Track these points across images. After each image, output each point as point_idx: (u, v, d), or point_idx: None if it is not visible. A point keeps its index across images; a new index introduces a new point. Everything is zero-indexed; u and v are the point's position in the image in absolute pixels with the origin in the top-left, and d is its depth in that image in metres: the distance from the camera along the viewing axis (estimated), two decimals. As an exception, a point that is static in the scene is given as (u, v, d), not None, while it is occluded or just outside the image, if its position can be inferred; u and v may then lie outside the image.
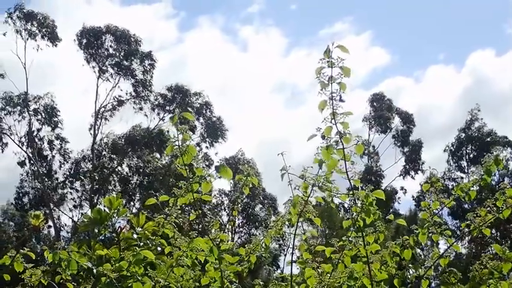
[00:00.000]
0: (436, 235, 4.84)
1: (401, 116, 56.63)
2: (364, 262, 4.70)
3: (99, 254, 5.11)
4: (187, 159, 4.43)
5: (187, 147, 4.43)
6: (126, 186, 46.94)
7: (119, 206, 5.43)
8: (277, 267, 51.57)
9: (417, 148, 55.59)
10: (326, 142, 4.23)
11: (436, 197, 4.88)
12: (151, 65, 48.64)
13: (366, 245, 4.66)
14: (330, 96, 4.09)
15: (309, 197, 4.64)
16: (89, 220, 5.50)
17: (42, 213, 6.18)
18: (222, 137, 51.14)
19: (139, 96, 48.62)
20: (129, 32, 48.22)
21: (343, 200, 4.59)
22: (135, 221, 5.33)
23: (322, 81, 4.09)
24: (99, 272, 4.69)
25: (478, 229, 4.76)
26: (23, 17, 46.27)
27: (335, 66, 4.04)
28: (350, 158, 4.27)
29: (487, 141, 51.65)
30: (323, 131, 4.17)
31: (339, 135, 4.13)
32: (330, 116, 4.12)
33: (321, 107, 4.13)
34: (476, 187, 4.90)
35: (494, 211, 4.76)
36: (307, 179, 4.55)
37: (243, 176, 4.83)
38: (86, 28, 47.85)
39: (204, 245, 4.74)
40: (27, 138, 46.50)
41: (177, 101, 49.51)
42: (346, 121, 4.13)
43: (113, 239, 5.25)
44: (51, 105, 47.15)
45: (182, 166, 4.46)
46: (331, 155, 4.26)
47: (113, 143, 48.11)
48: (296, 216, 4.79)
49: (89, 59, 47.82)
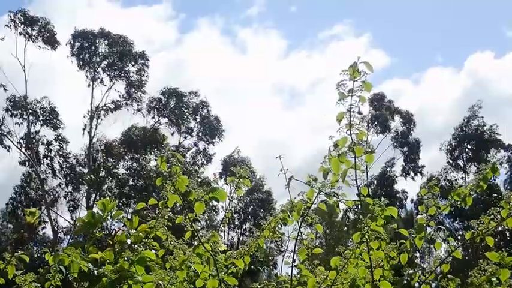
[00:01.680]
0: (439, 243, 4.78)
1: (402, 115, 56.49)
2: (366, 267, 4.64)
3: (94, 257, 5.04)
4: (181, 189, 4.40)
5: (177, 179, 4.45)
6: (122, 189, 46.87)
7: (113, 209, 5.35)
8: (275, 268, 51.53)
9: (416, 148, 55.45)
10: (336, 150, 4.27)
11: (433, 202, 4.84)
12: (143, 65, 48.63)
13: (370, 250, 4.59)
14: (348, 107, 4.17)
15: (313, 204, 4.61)
16: (83, 223, 5.42)
17: (37, 210, 6.13)
18: (219, 137, 51.08)
19: (133, 98, 48.66)
20: (122, 35, 48.30)
21: (349, 205, 4.55)
22: (128, 224, 5.26)
23: (341, 92, 4.16)
24: (100, 273, 4.63)
25: (480, 236, 4.68)
26: (24, 20, 46.28)
27: (357, 79, 4.13)
28: (360, 167, 4.29)
29: (485, 139, 51.24)
30: (336, 140, 4.25)
31: (353, 145, 4.19)
32: (346, 127, 4.21)
33: (339, 118, 4.21)
34: (473, 193, 4.84)
35: (498, 219, 4.67)
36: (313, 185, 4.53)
37: (235, 178, 4.75)
38: (78, 31, 47.92)
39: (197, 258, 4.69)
40: (26, 140, 46.46)
41: (171, 106, 49.55)
42: (363, 132, 4.24)
43: (107, 242, 5.17)
44: (51, 107, 47.19)
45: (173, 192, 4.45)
46: (340, 164, 4.27)
47: (108, 145, 48.06)
48: (297, 220, 4.75)
49: (81, 63, 47.89)
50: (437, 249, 4.84)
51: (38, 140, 47.19)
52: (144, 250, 4.59)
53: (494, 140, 51.49)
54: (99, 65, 48.06)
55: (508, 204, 4.62)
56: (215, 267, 4.65)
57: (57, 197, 47.22)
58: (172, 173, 4.46)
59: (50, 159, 47.46)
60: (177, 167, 4.48)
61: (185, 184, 4.50)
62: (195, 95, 50.94)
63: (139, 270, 4.57)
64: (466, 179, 51.29)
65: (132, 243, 4.97)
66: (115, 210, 5.29)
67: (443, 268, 4.88)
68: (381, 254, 4.65)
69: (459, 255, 4.89)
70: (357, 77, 4.11)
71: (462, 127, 52.72)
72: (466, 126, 52.53)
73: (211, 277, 4.69)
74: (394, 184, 55.03)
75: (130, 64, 48.42)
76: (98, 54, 48.01)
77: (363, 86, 4.14)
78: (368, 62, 4.08)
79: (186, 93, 50.57)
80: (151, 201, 4.83)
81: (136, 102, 49.05)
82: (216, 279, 4.65)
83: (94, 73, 47.96)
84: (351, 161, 4.25)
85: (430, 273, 4.85)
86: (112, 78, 48.29)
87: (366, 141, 4.22)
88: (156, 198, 4.94)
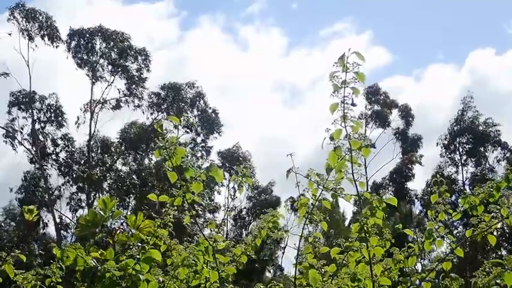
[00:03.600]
0: (440, 240, 4.75)
1: (399, 109, 55.45)
2: (366, 263, 4.62)
3: (94, 255, 5.03)
4: (176, 162, 4.32)
5: (174, 149, 4.32)
6: (121, 185, 46.77)
7: (113, 207, 5.34)
8: (280, 269, 51.23)
9: (416, 142, 54.55)
10: (334, 144, 4.22)
11: (443, 207, 4.80)
12: (144, 61, 48.39)
13: (369, 247, 4.57)
14: (342, 99, 4.10)
15: (317, 201, 4.58)
16: (85, 222, 5.40)
17: (35, 207, 6.12)
18: (218, 131, 50.48)
19: (133, 94, 48.46)
20: (120, 32, 48.06)
21: (348, 200, 4.50)
22: (131, 221, 5.23)
23: (335, 84, 4.09)
24: (105, 269, 4.61)
25: (482, 234, 4.65)
26: (25, 16, 46.08)
27: (349, 71, 4.05)
28: (357, 160, 4.23)
29: (481, 132, 50.42)
30: (332, 132, 4.19)
31: (348, 138, 4.12)
32: (340, 119, 4.13)
33: (332, 109, 4.15)
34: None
35: (499, 217, 4.64)
36: (315, 181, 4.52)
37: (238, 177, 4.71)
38: (74, 30, 47.67)
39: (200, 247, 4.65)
40: (31, 137, 46.32)
41: (169, 100, 49.19)
42: (358, 124, 4.15)
43: (108, 241, 5.16)
44: (56, 104, 47.02)
45: (171, 169, 4.37)
46: (338, 158, 4.22)
47: (108, 142, 47.98)
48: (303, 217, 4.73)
49: (79, 61, 47.67)
50: (438, 246, 4.80)
51: (45, 137, 46.98)
52: (150, 249, 4.55)
53: (489, 134, 50.71)
54: (97, 62, 47.84)
55: (507, 203, 4.59)
56: (213, 258, 4.60)
57: (60, 196, 47.21)
58: (169, 145, 4.37)
59: (55, 156, 47.34)
60: (173, 137, 4.41)
61: (182, 155, 4.40)
62: (193, 87, 50.28)
63: (144, 269, 4.56)
64: (462, 174, 50.82)
65: (135, 242, 4.95)
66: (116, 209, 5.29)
67: (444, 266, 4.86)
68: (381, 251, 4.63)
69: (461, 253, 4.86)
70: (347, 68, 4.05)
71: (457, 120, 51.82)
72: (460, 119, 51.62)
73: (210, 269, 4.67)
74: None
75: (129, 61, 48.16)
76: (95, 51, 47.71)
77: (356, 77, 4.07)
78: (359, 53, 4.02)
79: (183, 85, 49.91)
80: (151, 196, 4.77)
81: (136, 98, 48.80)
82: (215, 272, 4.63)
83: (93, 70, 47.75)
84: (349, 155, 4.20)
85: (431, 271, 4.82)
86: (112, 74, 48.09)
87: (365, 135, 4.18)
88: (155, 194, 4.90)
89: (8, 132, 45.97)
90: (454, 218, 4.85)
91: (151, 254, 4.50)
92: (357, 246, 4.65)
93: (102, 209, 5.36)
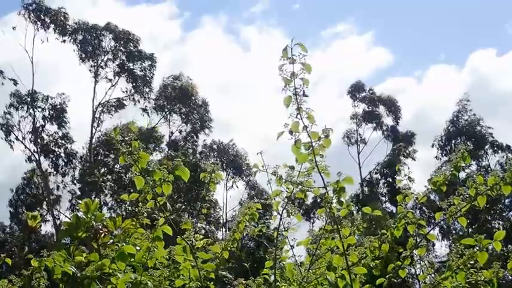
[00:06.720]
0: (412, 225, 4.82)
1: (384, 103, 54.02)
2: (341, 254, 4.68)
3: (79, 259, 5.09)
4: (141, 165, 4.37)
5: (138, 155, 4.38)
6: (118, 184, 46.76)
7: (96, 210, 5.38)
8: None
9: (410, 139, 53.41)
10: (294, 138, 4.26)
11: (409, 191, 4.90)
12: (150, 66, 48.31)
13: (342, 238, 4.64)
14: (293, 92, 4.16)
15: (292, 194, 4.64)
16: (68, 226, 5.46)
17: (39, 213, 6.16)
18: (208, 127, 50.03)
19: (135, 95, 48.34)
20: (127, 31, 47.82)
21: (316, 194, 4.56)
22: (111, 225, 5.29)
23: (285, 77, 4.17)
24: (84, 276, 4.67)
25: (452, 218, 4.74)
26: (33, 10, 45.79)
27: (296, 62, 4.13)
28: (319, 152, 4.28)
29: (477, 133, 50.13)
30: (290, 126, 4.21)
31: (305, 130, 4.17)
32: (296, 111, 4.18)
33: (286, 102, 4.20)
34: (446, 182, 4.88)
35: (469, 200, 4.72)
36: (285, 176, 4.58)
37: (207, 174, 4.77)
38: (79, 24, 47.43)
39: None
40: (32, 136, 46.15)
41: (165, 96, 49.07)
42: (311, 115, 4.18)
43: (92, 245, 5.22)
44: (59, 103, 46.77)
45: (138, 173, 4.41)
46: (300, 150, 4.27)
47: (108, 141, 47.94)
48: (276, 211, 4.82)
49: (84, 57, 47.45)
50: (410, 231, 4.88)
51: (48, 135, 46.84)
52: (124, 246, 4.60)
53: (486, 136, 50.49)
54: (103, 61, 47.71)
55: (474, 184, 4.68)
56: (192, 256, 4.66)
57: (60, 196, 47.23)
58: (133, 150, 4.41)
59: (56, 156, 47.25)
60: (135, 142, 4.45)
61: (146, 160, 4.44)
62: (178, 79, 50.11)
63: (120, 267, 4.61)
64: (458, 175, 50.42)
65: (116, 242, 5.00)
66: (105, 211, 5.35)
67: (418, 252, 4.95)
68: (353, 240, 4.71)
69: (434, 238, 4.95)
70: (294, 60, 4.13)
71: (453, 121, 51.59)
72: (456, 121, 51.43)
73: (191, 268, 4.73)
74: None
75: (136, 63, 47.94)
76: (101, 50, 47.56)
77: (304, 68, 4.15)
78: (302, 44, 4.10)
79: (169, 79, 49.84)
80: (124, 196, 4.85)
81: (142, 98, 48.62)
82: (195, 270, 4.69)
83: (97, 68, 47.57)
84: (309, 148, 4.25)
85: (406, 258, 4.90)
86: (116, 75, 47.93)
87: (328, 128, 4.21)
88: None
89: (8, 131, 45.77)
90: (420, 200, 4.92)
91: (124, 250, 4.53)
92: (329, 229, 4.71)
93: (84, 212, 5.42)
